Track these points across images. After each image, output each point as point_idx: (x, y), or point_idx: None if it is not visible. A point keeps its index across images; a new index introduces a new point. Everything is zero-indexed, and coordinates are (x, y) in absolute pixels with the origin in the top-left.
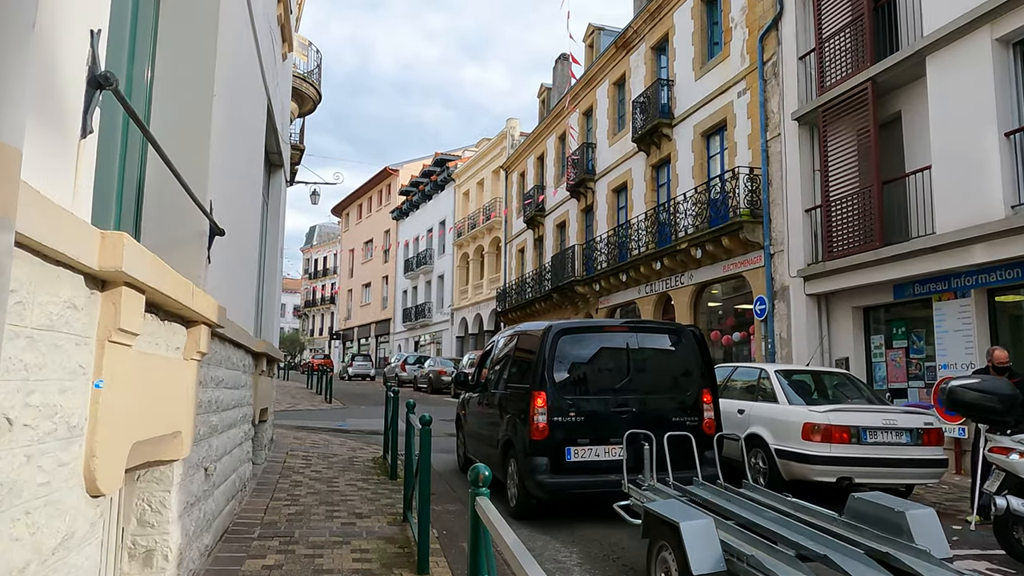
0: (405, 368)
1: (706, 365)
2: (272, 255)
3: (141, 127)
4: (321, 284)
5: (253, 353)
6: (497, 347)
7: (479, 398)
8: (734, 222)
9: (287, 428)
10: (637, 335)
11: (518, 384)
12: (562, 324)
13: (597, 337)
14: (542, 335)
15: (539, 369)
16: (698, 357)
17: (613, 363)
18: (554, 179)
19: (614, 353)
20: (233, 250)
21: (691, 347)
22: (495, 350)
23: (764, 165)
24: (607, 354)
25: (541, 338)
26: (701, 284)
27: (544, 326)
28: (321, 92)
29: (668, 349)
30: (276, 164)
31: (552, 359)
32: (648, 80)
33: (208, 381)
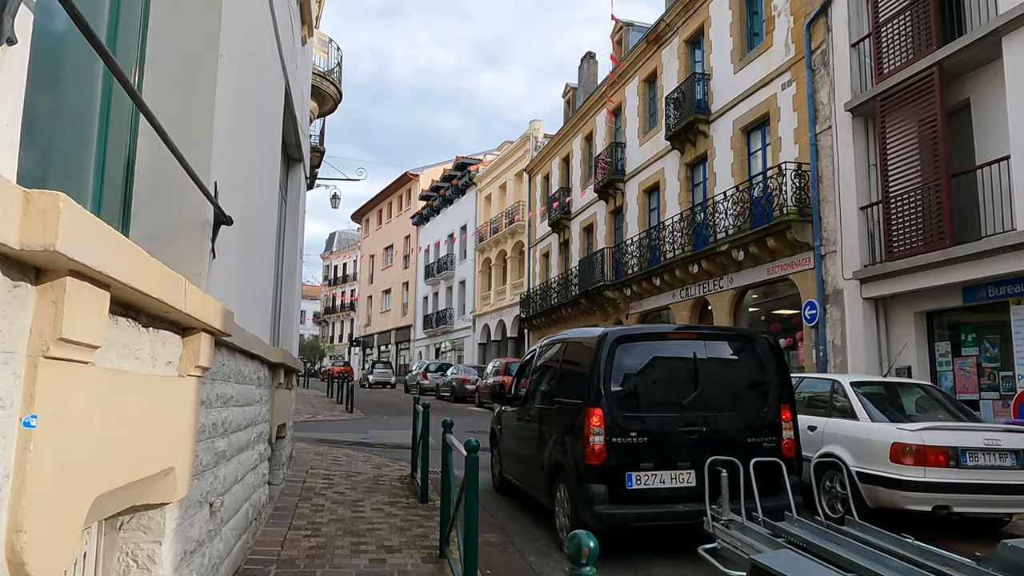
0: (427, 376)
1: (783, 377)
2: (291, 256)
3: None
4: (341, 291)
5: (269, 364)
6: (538, 356)
7: (518, 413)
8: (781, 221)
9: (307, 442)
10: (705, 343)
11: (568, 399)
12: (619, 331)
13: (659, 345)
14: (596, 343)
15: (594, 382)
16: (774, 368)
17: (678, 375)
18: (580, 181)
19: (679, 364)
20: (245, 245)
21: (766, 356)
22: (536, 360)
23: (813, 160)
24: (671, 365)
25: (595, 347)
26: (742, 288)
27: (597, 333)
28: (342, 91)
29: (740, 359)
30: (295, 158)
31: (609, 371)
32: (682, 75)
33: (213, 400)
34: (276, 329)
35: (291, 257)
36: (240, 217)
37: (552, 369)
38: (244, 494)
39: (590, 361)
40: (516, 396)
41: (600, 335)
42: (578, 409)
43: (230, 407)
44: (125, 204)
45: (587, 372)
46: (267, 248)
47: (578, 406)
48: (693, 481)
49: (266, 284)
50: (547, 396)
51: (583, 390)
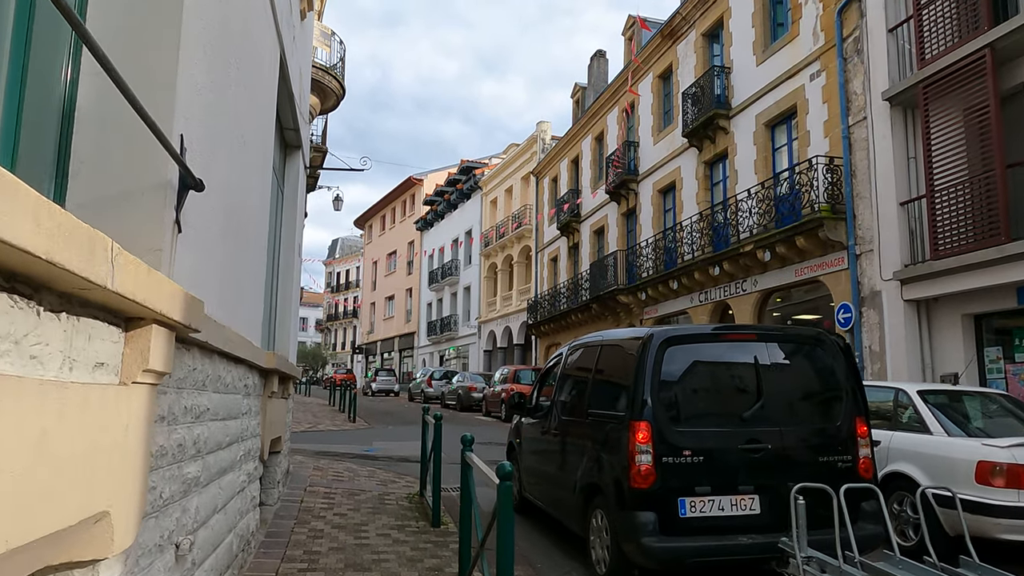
0: (431, 383)
1: (856, 384)
2: (288, 252)
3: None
4: (343, 297)
5: (260, 370)
6: (565, 362)
7: (541, 425)
8: (812, 219)
9: (306, 455)
10: (766, 345)
11: (605, 411)
12: (667, 331)
13: (714, 348)
14: (640, 346)
15: (639, 391)
16: (846, 374)
17: (737, 383)
18: (591, 182)
19: (738, 370)
20: (228, 226)
21: (836, 361)
22: (561, 366)
23: (846, 154)
24: (729, 371)
25: (639, 350)
26: (767, 291)
27: (642, 334)
28: (345, 87)
29: (807, 364)
30: (293, 144)
31: (656, 378)
32: (700, 69)
33: (180, 414)
34: (271, 332)
35: (288, 254)
36: (221, 189)
37: (583, 376)
38: (227, 524)
39: (633, 367)
40: (538, 407)
41: (645, 336)
42: (619, 423)
43: (205, 422)
44: (61, 159)
45: (629, 379)
46: (258, 236)
47: (619, 419)
48: (757, 508)
49: (257, 278)
50: (578, 407)
51: (625, 400)
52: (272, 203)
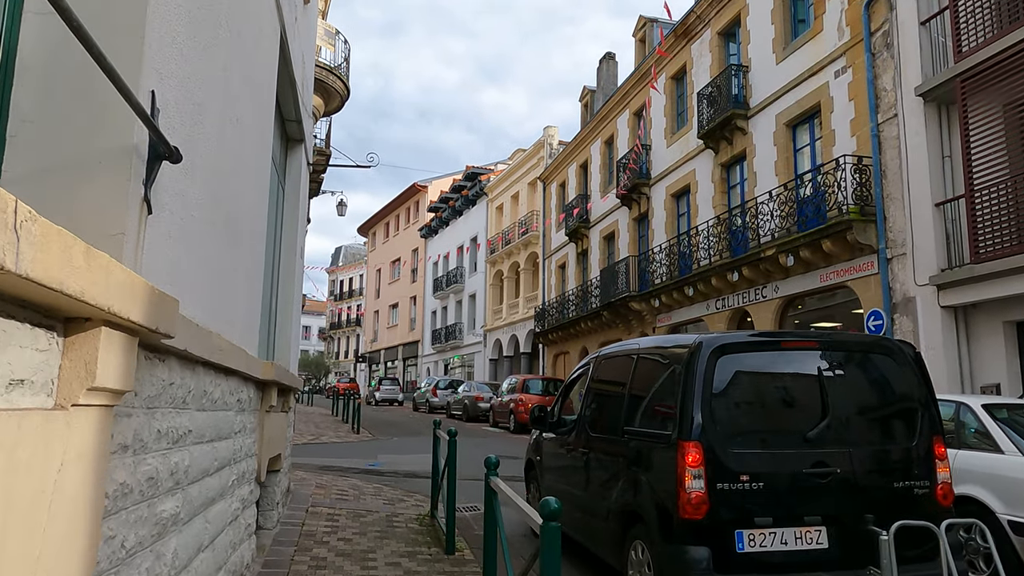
0: (436, 393)
1: (931, 399)
2: (289, 254)
3: None
4: (347, 305)
5: (256, 382)
6: (594, 372)
7: (567, 442)
8: (840, 221)
9: (309, 470)
10: (831, 355)
11: (646, 429)
12: (719, 338)
13: (772, 358)
14: (689, 355)
15: (688, 407)
16: (919, 386)
17: (799, 398)
18: (600, 187)
19: (800, 382)
20: (215, 214)
21: (908, 372)
22: (590, 376)
23: (876, 153)
24: (789, 383)
25: (687, 360)
26: (789, 297)
27: (688, 341)
28: (349, 87)
29: (876, 375)
30: (295, 138)
31: (708, 391)
32: (715, 69)
33: (151, 440)
34: (270, 340)
35: (289, 256)
36: (209, 171)
37: (616, 389)
38: (216, 562)
39: (680, 378)
40: (561, 421)
41: (693, 344)
42: (664, 443)
43: (187, 446)
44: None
45: (675, 393)
46: (254, 232)
47: (663, 439)
48: (825, 541)
49: (253, 280)
50: (611, 423)
51: (670, 417)
52: (272, 199)
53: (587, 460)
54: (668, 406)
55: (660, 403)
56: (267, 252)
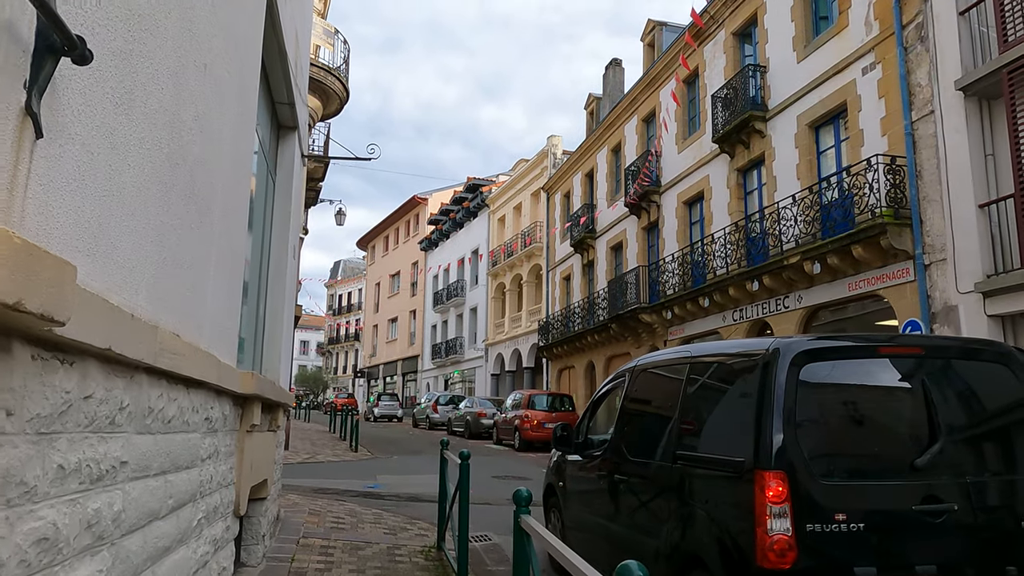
0: (437, 409)
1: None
2: (280, 253)
3: None
4: (345, 320)
5: (234, 397)
6: (631, 385)
7: (596, 466)
8: (872, 225)
9: (302, 493)
10: (938, 363)
11: (708, 454)
12: (799, 343)
13: (866, 367)
14: (764, 363)
15: (766, 428)
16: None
17: (904, 416)
18: (607, 196)
19: (903, 397)
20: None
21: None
22: (626, 390)
23: (910, 152)
24: (891, 398)
25: (762, 368)
26: (813, 307)
27: (762, 347)
28: (349, 89)
29: (993, 388)
30: (287, 125)
31: (790, 409)
32: (730, 70)
33: (41, 484)
34: (257, 348)
35: (280, 255)
36: (161, 120)
37: (664, 405)
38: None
39: (755, 391)
40: (588, 442)
41: (769, 350)
42: (734, 472)
43: (117, 485)
44: None
45: (748, 410)
46: (231, 212)
47: (733, 467)
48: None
49: (229, 270)
50: (657, 445)
51: (742, 440)
52: (260, 190)
53: (624, 488)
54: (738, 426)
55: (726, 422)
56: (254, 249)
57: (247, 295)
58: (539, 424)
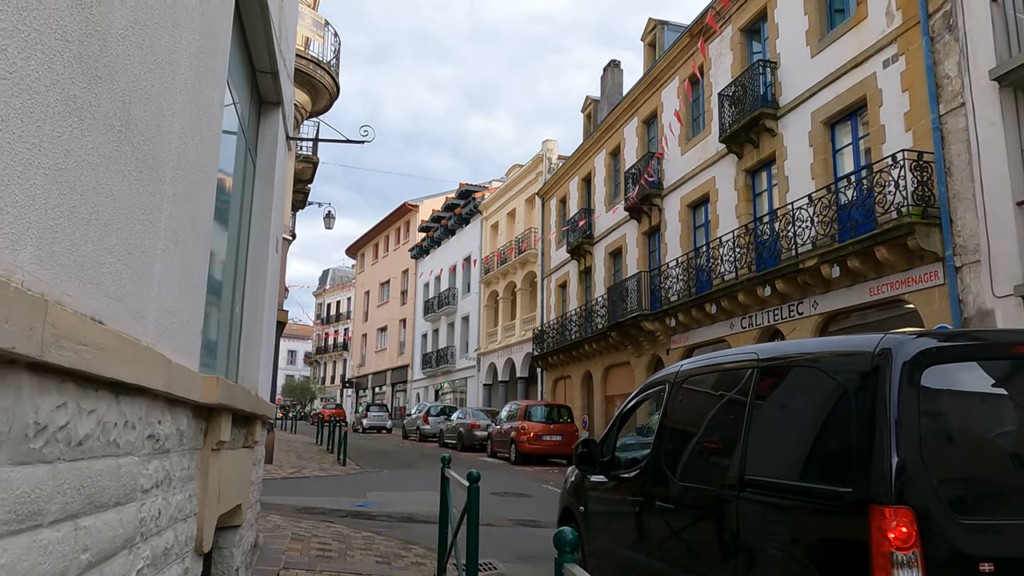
0: (428, 420)
1: None
2: (260, 243)
3: None
4: (334, 329)
5: (193, 407)
6: (676, 392)
7: (632, 490)
8: (899, 225)
9: (285, 513)
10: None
11: (799, 481)
12: (914, 342)
13: (999, 371)
14: (873, 365)
15: (882, 449)
16: None
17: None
18: (606, 200)
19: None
20: (91, 106)
21: None
22: (668, 398)
23: (938, 148)
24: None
25: (871, 373)
26: (830, 314)
27: (864, 344)
28: (339, 84)
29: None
30: (270, 100)
31: (912, 424)
32: (738, 68)
33: None
34: (231, 352)
35: (260, 246)
36: (68, 21)
37: (723, 417)
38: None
39: (860, 402)
40: (615, 460)
41: (879, 349)
42: (838, 506)
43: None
44: None
45: (852, 426)
46: (189, 165)
47: (836, 499)
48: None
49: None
50: (714, 468)
51: (842, 463)
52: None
53: (668, 518)
54: (835, 447)
55: (816, 442)
56: (230, 238)
57: (220, 290)
58: (536, 436)
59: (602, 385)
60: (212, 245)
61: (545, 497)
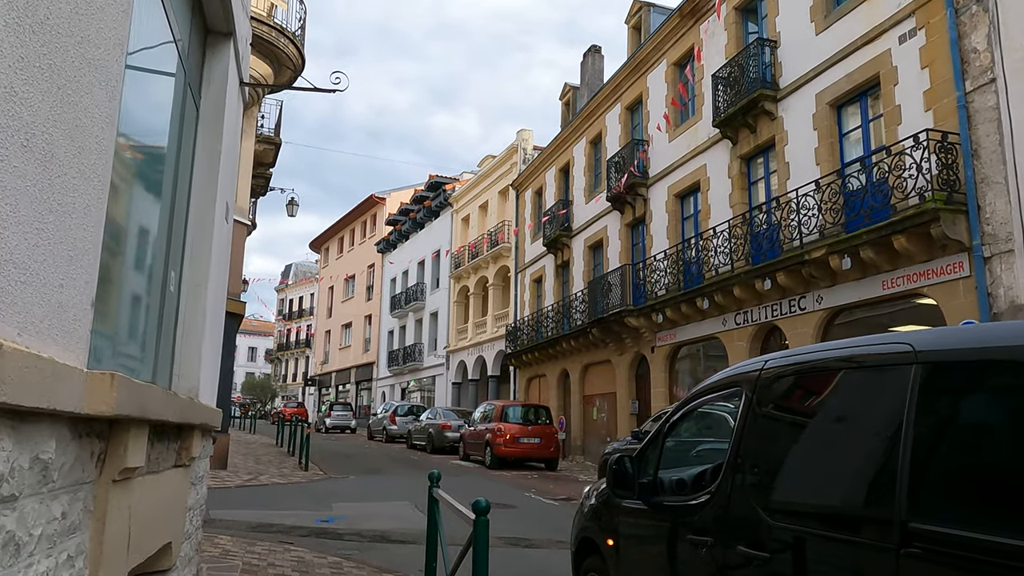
0: (395, 420)
1: None
2: (203, 206)
3: None
4: (296, 325)
5: (73, 421)
6: (761, 397)
7: (691, 525)
8: (922, 211)
9: (238, 533)
10: None
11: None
12: None
13: None
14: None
15: None
16: None
17: None
18: (586, 191)
19: None
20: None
21: None
22: (753, 404)
23: (964, 128)
24: None
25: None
26: (835, 309)
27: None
28: (304, 57)
29: None
30: (218, 29)
31: None
32: (733, 48)
33: None
34: (161, 344)
35: (204, 209)
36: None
37: (861, 434)
38: None
39: None
40: (659, 483)
41: None
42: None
43: None
44: None
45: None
46: (82, 52)
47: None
48: None
49: (71, 169)
50: (858, 508)
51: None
52: (176, 109)
53: (758, 574)
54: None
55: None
56: (164, 194)
57: (146, 262)
58: (513, 439)
59: (580, 384)
60: (136, 204)
61: (531, 508)
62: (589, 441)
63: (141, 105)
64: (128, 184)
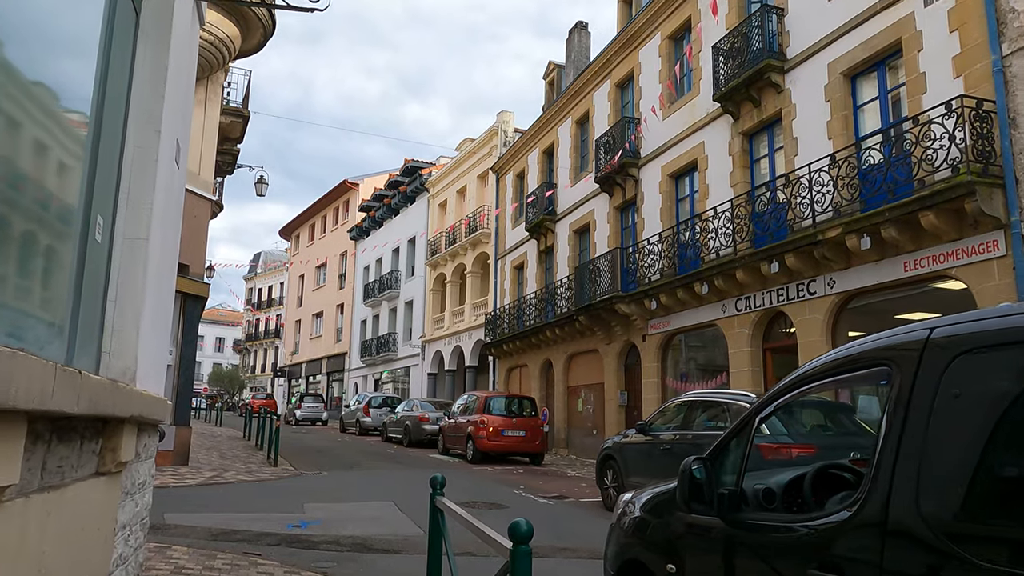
0: (369, 412)
1: None
2: (145, 143)
3: None
4: (265, 315)
5: None
6: (926, 377)
7: (833, 562)
8: (955, 185)
9: (195, 541)
10: None
11: None
12: None
13: None
14: None
15: None
16: None
17: None
18: (571, 173)
19: None
20: None
21: None
22: (921, 388)
23: (1001, 95)
24: None
25: None
26: (849, 293)
27: None
28: (275, 20)
29: None
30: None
31: None
32: (735, 18)
33: None
34: (79, 307)
35: (146, 146)
36: None
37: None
38: None
39: None
40: (743, 496)
41: None
42: None
43: None
44: None
45: None
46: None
47: None
48: None
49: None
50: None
51: None
52: (107, 15)
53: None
54: None
55: None
56: (90, 122)
57: (44, 193)
58: (497, 432)
59: (564, 375)
60: (39, 126)
61: (522, 508)
62: (574, 434)
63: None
64: (30, 98)
